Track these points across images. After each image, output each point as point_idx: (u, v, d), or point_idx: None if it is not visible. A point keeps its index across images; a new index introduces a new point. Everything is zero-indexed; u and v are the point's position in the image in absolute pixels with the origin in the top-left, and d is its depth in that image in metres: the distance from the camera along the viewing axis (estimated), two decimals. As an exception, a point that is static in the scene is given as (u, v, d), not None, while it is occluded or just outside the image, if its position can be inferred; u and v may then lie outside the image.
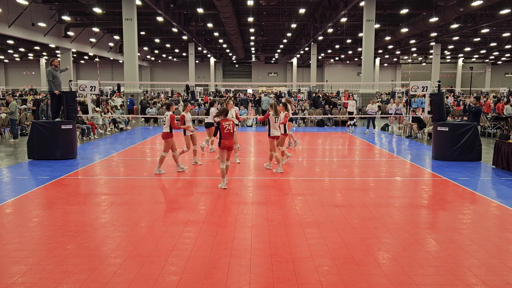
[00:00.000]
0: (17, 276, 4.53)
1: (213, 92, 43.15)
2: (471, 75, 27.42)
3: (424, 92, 12.43)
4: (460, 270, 4.74)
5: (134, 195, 7.89)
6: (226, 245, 5.39)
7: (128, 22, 22.93)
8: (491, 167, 10.63)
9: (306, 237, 5.68)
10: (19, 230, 5.93)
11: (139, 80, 38.00)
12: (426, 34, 37.04)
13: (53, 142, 11.39)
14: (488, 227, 6.18)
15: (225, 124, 8.32)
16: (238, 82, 57.51)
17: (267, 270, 4.70)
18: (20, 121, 16.99)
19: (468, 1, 22.21)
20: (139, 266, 4.77)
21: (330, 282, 4.43)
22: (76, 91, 13.20)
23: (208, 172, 10.07)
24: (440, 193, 8.19)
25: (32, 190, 8.14)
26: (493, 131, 16.66)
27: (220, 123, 8.31)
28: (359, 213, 6.77)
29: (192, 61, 44.29)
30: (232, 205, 7.18)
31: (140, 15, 28.83)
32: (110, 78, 58.82)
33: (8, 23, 25.15)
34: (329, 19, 29.06)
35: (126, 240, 5.60)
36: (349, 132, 18.71)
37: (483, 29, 33.06)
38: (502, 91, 46.43)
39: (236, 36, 36.53)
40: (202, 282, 4.41)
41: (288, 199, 7.60)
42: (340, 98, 33.25)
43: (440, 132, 11.58)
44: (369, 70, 24.48)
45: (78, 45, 35.73)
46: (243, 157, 11.96)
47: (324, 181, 9.17)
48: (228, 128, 8.31)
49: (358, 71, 60.68)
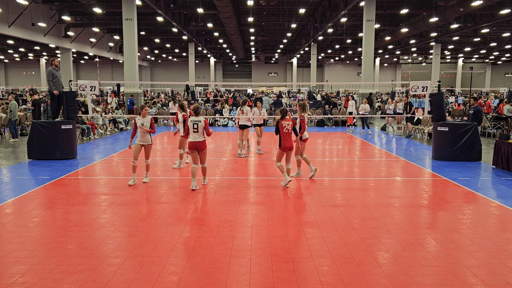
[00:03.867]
0: (17, 276, 4.53)
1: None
2: (471, 75, 27.44)
3: (424, 92, 12.43)
4: (460, 270, 4.74)
5: (134, 195, 7.88)
6: (226, 245, 5.39)
7: (128, 22, 22.93)
8: (491, 167, 10.63)
9: (306, 237, 5.68)
10: (19, 230, 5.93)
11: (139, 80, 37.98)
12: (426, 34, 37.03)
13: (53, 142, 11.39)
14: (488, 227, 6.18)
15: (284, 123, 8.22)
16: (238, 82, 57.46)
17: (267, 270, 4.70)
18: (20, 121, 16.99)
19: (468, 1, 22.21)
20: (139, 266, 4.77)
21: (330, 282, 4.43)
22: (76, 91, 13.19)
23: (209, 171, 10.05)
24: (440, 193, 8.19)
25: (32, 190, 8.14)
26: (493, 131, 16.66)
27: (279, 122, 8.21)
28: (359, 213, 6.77)
29: (192, 61, 44.29)
30: (232, 205, 7.18)
31: (140, 15, 28.82)
32: (110, 78, 58.78)
33: (8, 23, 25.14)
34: (329, 19, 29.06)
35: (126, 240, 5.60)
36: (349, 132, 18.71)
37: (483, 29, 33.05)
38: (502, 91, 46.39)
39: (236, 36, 36.52)
40: (202, 282, 4.41)
41: (288, 199, 7.59)
42: (339, 98, 33.26)
43: (440, 132, 11.58)
44: (369, 70, 24.48)
45: (78, 45, 35.72)
46: (240, 156, 11.95)
47: (324, 181, 9.17)
48: (286, 127, 8.21)
49: (358, 71, 60.65)
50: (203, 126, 8.04)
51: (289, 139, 8.27)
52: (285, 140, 8.22)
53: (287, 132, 8.23)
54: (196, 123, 8.01)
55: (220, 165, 10.97)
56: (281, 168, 8.38)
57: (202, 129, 8.07)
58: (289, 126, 8.24)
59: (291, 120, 8.38)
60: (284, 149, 8.27)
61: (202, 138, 8.08)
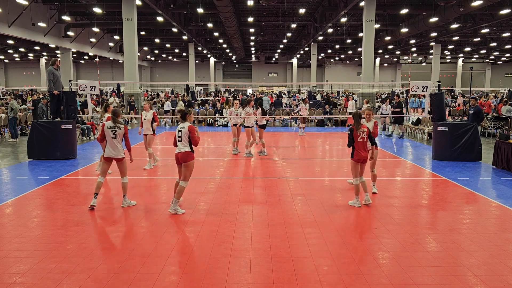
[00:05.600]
0: (17, 276, 4.53)
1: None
2: (471, 75, 27.40)
3: (424, 92, 12.43)
4: (460, 270, 4.74)
5: (134, 195, 7.88)
6: (226, 245, 5.39)
7: (128, 22, 22.93)
8: (491, 167, 10.63)
9: (306, 237, 5.68)
10: (19, 230, 5.93)
11: (139, 80, 37.98)
12: (426, 34, 37.02)
13: (53, 142, 11.39)
14: (488, 227, 6.18)
15: (360, 131, 6.92)
16: (238, 82, 57.48)
17: (267, 270, 4.70)
18: (20, 121, 17.00)
19: (468, 1, 22.20)
20: (139, 266, 4.77)
21: (330, 282, 4.43)
22: (76, 91, 13.20)
23: (209, 171, 10.06)
24: (440, 193, 8.19)
25: (32, 190, 8.14)
26: (493, 131, 16.66)
27: (354, 130, 6.93)
28: (359, 213, 6.77)
29: (192, 61, 44.28)
30: (232, 205, 7.18)
31: (140, 15, 28.81)
32: (110, 78, 58.78)
33: (8, 23, 25.14)
34: (329, 19, 29.06)
35: (126, 240, 5.60)
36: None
37: (483, 29, 33.04)
38: (502, 91, 46.39)
39: (236, 36, 36.52)
40: (202, 282, 4.41)
41: (288, 199, 7.59)
42: (339, 98, 33.28)
43: (440, 132, 11.57)
44: (369, 70, 24.48)
45: (78, 45, 35.71)
46: (240, 156, 11.95)
47: (324, 181, 9.17)
48: (362, 136, 6.91)
49: (358, 71, 60.62)
50: (187, 133, 6.59)
51: (365, 148, 7.00)
52: (360, 150, 6.93)
53: (362, 140, 6.93)
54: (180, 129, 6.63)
55: (220, 165, 10.97)
56: (357, 188, 7.07)
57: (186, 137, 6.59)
58: (365, 134, 6.95)
59: (366, 126, 7.12)
60: (359, 160, 6.99)
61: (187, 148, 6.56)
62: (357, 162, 7.00)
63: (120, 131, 6.89)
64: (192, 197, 7.70)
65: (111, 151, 6.86)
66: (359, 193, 7.11)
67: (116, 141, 6.88)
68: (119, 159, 6.90)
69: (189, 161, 6.50)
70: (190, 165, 6.54)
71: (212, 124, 21.92)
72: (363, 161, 7.02)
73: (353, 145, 6.97)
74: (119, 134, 6.89)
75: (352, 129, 6.95)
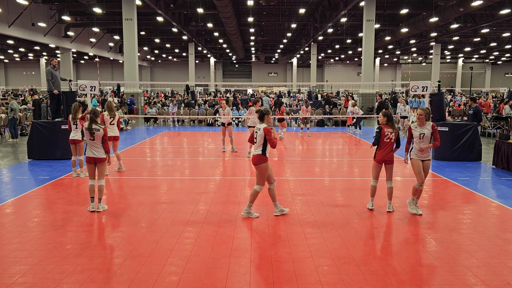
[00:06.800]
0: (17, 276, 4.53)
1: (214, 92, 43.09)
2: (471, 75, 27.41)
3: (424, 92, 12.42)
4: (460, 270, 4.74)
5: (134, 195, 7.88)
6: (226, 245, 5.39)
7: (128, 22, 22.94)
8: (491, 167, 10.63)
9: (306, 237, 5.68)
10: (19, 230, 5.93)
11: (139, 80, 37.99)
12: (426, 34, 37.03)
13: (53, 142, 11.39)
14: (488, 227, 6.18)
15: (387, 131, 6.66)
16: (238, 82, 57.48)
17: (267, 270, 4.70)
18: (20, 121, 16.99)
19: (468, 1, 22.21)
20: (139, 266, 4.77)
21: (330, 282, 4.43)
22: (76, 91, 13.19)
23: (209, 171, 10.06)
24: (440, 193, 8.19)
25: (32, 190, 8.14)
26: (493, 131, 16.66)
27: (382, 129, 6.66)
28: (359, 213, 6.77)
29: (192, 61, 44.28)
30: (232, 205, 7.18)
31: (140, 15, 28.82)
32: (110, 78, 58.78)
33: (8, 23, 25.15)
34: (329, 19, 29.07)
35: (126, 240, 5.60)
36: (349, 132, 18.71)
37: (483, 29, 33.05)
38: (502, 91, 46.40)
39: (236, 36, 36.53)
40: (202, 282, 4.41)
41: (288, 199, 7.59)
42: (339, 98, 33.27)
43: (440, 132, 11.55)
44: (369, 70, 24.49)
45: (78, 45, 35.73)
46: (240, 156, 11.95)
47: (324, 181, 9.17)
48: (389, 137, 6.63)
49: (358, 71, 60.63)
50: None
51: (391, 150, 6.66)
52: (385, 150, 6.62)
53: (388, 141, 6.64)
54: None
55: (220, 165, 10.97)
56: (373, 189, 6.90)
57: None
58: (393, 135, 6.63)
59: (396, 129, 6.74)
60: (381, 161, 6.69)
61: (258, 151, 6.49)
62: (379, 164, 6.73)
63: (99, 133, 6.71)
64: (192, 197, 7.70)
65: (92, 152, 6.73)
66: (374, 195, 6.93)
67: (94, 143, 6.71)
68: (100, 159, 6.76)
69: (260, 164, 6.43)
70: (262, 168, 6.44)
71: (212, 124, 21.94)
72: (387, 163, 6.69)
73: (378, 144, 6.71)
74: (97, 136, 6.70)
75: (380, 128, 6.69)
